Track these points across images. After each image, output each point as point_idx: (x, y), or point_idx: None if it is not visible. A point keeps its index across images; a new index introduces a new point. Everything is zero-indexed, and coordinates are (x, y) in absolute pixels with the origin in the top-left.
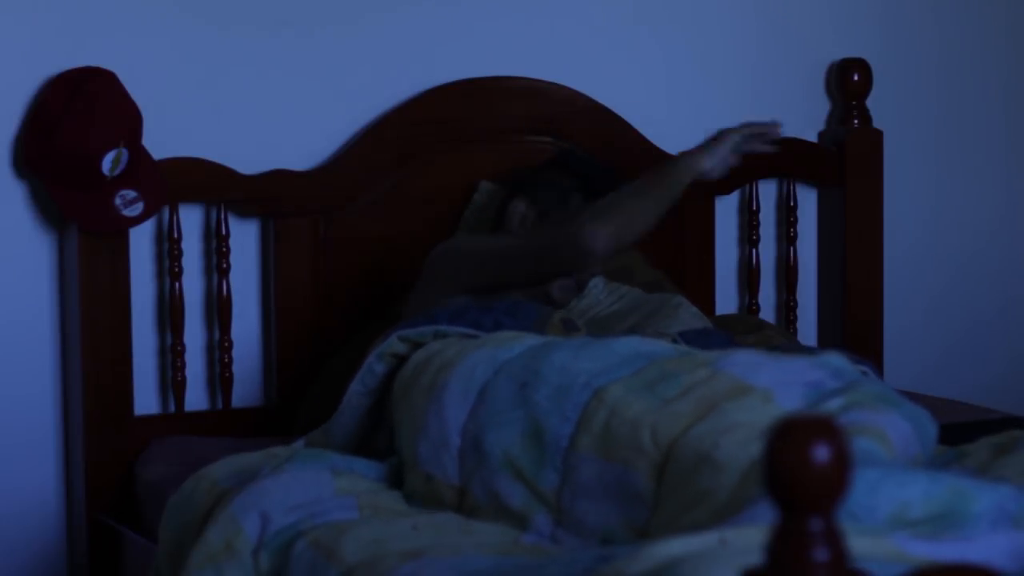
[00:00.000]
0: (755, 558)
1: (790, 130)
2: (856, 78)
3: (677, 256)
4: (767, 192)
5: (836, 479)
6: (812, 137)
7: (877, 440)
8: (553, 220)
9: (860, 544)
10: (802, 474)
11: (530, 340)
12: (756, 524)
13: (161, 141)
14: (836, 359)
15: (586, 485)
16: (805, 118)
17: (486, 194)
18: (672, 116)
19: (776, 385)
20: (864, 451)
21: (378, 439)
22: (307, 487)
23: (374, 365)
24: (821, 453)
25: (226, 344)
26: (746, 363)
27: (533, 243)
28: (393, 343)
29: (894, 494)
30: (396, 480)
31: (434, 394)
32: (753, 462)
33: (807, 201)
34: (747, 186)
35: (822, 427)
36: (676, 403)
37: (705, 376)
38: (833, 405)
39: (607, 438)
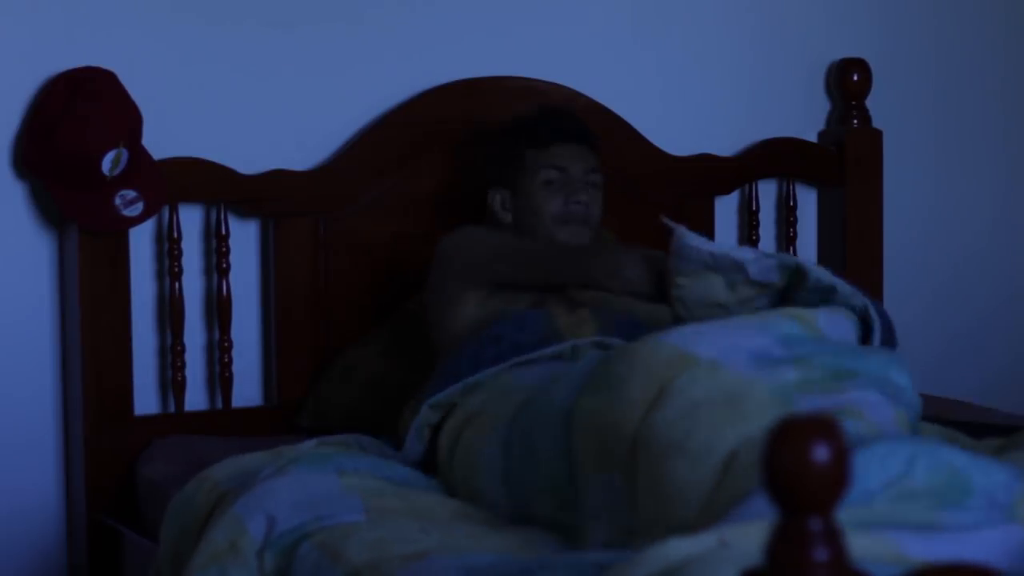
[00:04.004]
0: (751, 556)
1: (790, 130)
2: (856, 78)
3: None
4: (767, 192)
5: (836, 479)
6: (812, 137)
7: (853, 418)
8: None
9: (859, 545)
10: (802, 474)
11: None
12: (754, 520)
13: (161, 141)
14: (786, 324)
15: (594, 503)
16: (805, 118)
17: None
18: (672, 116)
19: (721, 354)
20: (854, 432)
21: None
22: (313, 489)
23: (415, 444)
24: (821, 453)
25: (226, 344)
26: (687, 332)
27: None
28: (426, 415)
29: (898, 469)
30: (412, 479)
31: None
32: (732, 451)
33: (807, 201)
34: (747, 186)
35: (822, 427)
36: (628, 387)
37: (649, 349)
38: (788, 378)
39: (589, 452)
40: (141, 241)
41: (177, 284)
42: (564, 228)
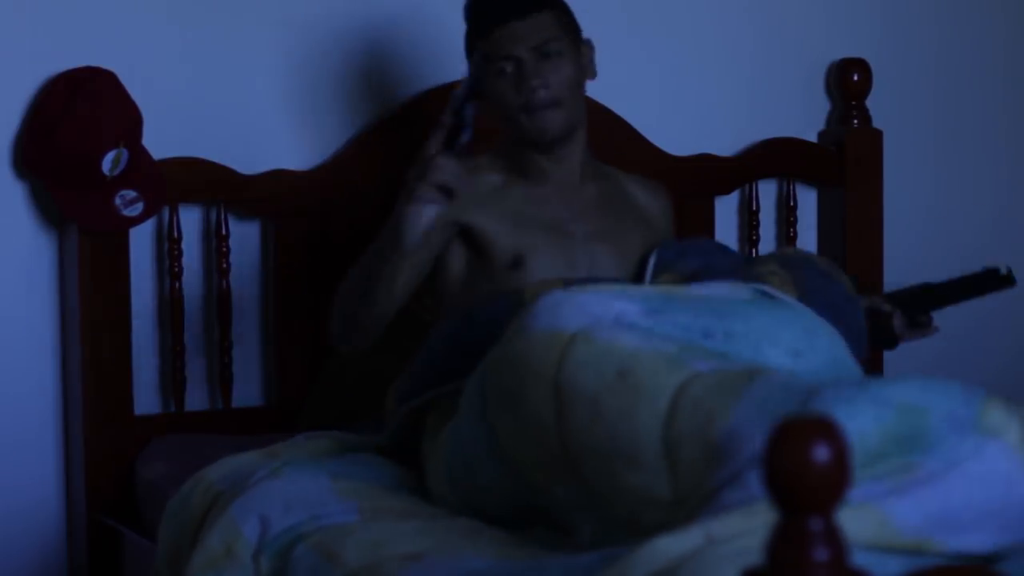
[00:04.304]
0: (748, 553)
1: (790, 130)
2: (856, 78)
3: None
4: (767, 192)
5: (836, 479)
6: (812, 137)
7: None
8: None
9: (845, 521)
10: (802, 474)
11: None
12: (733, 511)
13: (161, 141)
14: (642, 290)
15: (567, 499)
16: (805, 118)
17: None
18: (672, 116)
19: (588, 321)
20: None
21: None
22: (306, 490)
23: (393, 426)
24: (821, 453)
25: (226, 344)
26: (548, 306)
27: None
28: (394, 415)
29: (847, 428)
30: (407, 479)
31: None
32: (662, 440)
33: (807, 201)
34: (747, 186)
35: (822, 427)
36: (526, 400)
37: (523, 346)
38: (668, 349)
39: (533, 467)
40: (141, 241)
41: (177, 284)
42: (530, 118)
